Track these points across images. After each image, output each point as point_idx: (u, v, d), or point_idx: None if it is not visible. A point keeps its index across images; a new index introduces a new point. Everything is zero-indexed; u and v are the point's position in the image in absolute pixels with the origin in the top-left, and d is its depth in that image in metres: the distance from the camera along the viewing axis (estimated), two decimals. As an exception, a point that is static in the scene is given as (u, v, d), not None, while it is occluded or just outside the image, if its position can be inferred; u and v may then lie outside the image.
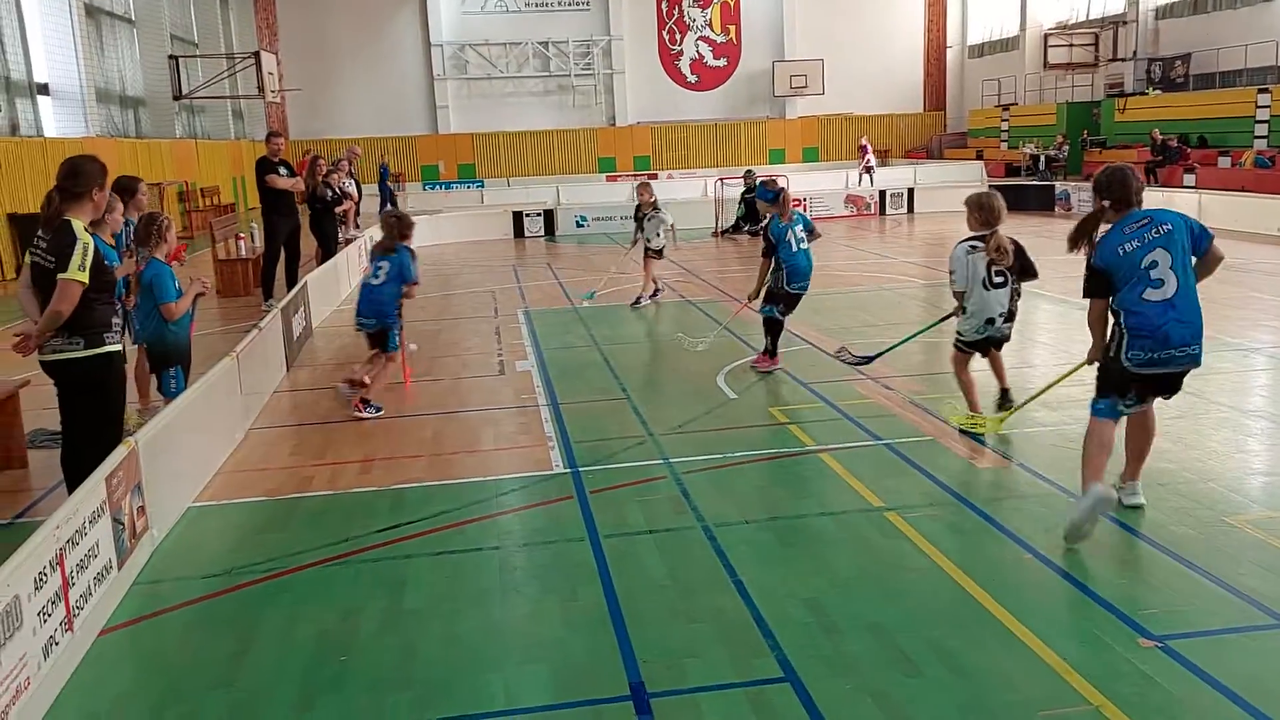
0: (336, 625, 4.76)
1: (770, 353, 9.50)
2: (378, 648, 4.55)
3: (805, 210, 24.93)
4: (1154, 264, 5.22)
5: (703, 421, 7.95)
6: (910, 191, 27.09)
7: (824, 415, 7.99)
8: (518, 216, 25.29)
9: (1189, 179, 22.73)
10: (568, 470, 6.85)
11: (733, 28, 39.48)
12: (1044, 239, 20.20)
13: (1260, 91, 23.66)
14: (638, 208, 13.50)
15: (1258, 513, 5.67)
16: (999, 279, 7.12)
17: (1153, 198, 15.68)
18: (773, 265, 9.29)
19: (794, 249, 9.23)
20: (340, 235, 15.98)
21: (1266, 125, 23.24)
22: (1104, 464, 5.40)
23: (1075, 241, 5.52)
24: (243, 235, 15.72)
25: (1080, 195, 25.14)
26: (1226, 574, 4.88)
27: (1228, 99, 25.11)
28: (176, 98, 26.95)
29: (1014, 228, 7.68)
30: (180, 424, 6.33)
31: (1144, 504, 5.76)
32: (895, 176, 30.63)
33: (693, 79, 39.57)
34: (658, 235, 13.15)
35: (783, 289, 9.27)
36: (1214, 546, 5.23)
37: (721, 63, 39.66)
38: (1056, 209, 25.29)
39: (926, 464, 6.66)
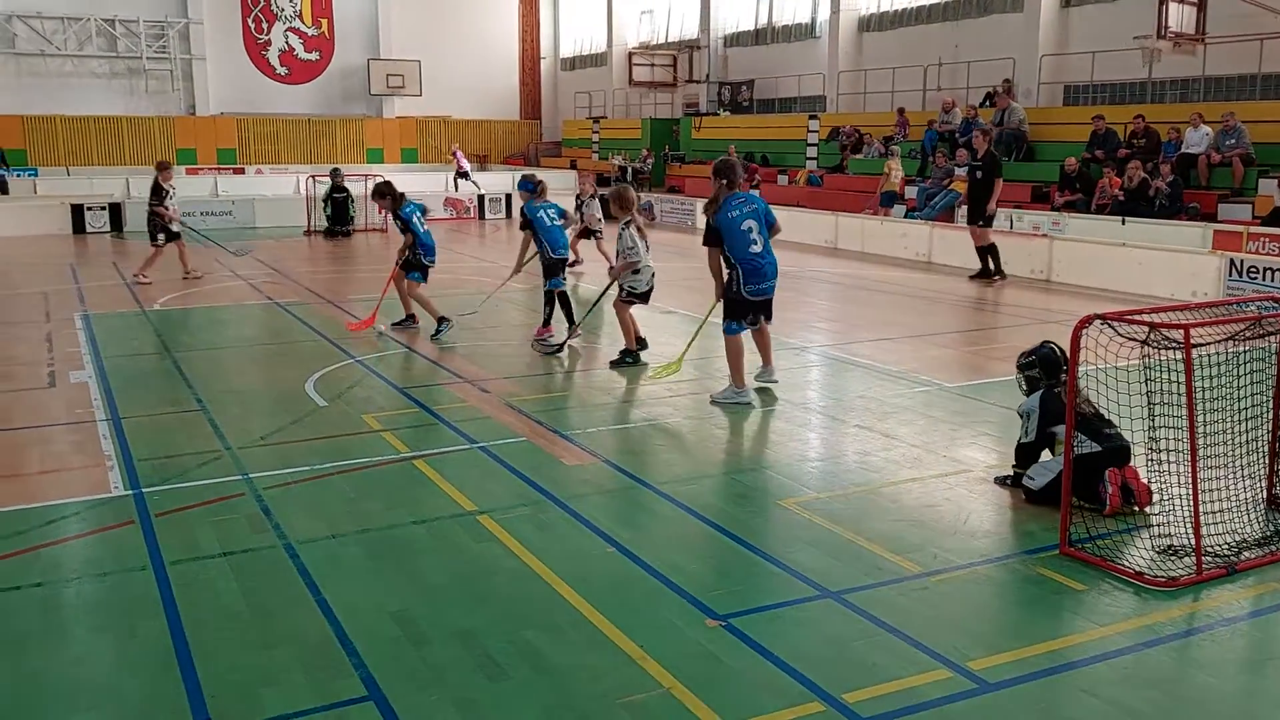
0: None
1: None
2: None
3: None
4: (750, 229, 7.95)
5: (289, 432, 7.51)
6: (508, 197, 27.62)
7: (420, 420, 7.86)
8: (78, 210, 22.73)
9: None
10: (129, 492, 6.17)
11: (325, 21, 37.91)
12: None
13: (810, 118, 26.73)
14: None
15: (806, 495, 6.32)
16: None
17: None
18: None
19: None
20: None
21: (816, 149, 26.28)
22: (743, 364, 8.20)
23: (709, 209, 8.07)
24: None
25: (663, 206, 27.02)
26: (779, 552, 5.39)
27: (784, 123, 28.11)
28: None
29: (606, 234, 7.99)
30: None
31: (778, 381, 8.68)
32: (494, 182, 31.06)
33: (283, 71, 37.52)
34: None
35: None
36: (768, 528, 5.77)
37: (314, 56, 37.97)
38: (642, 218, 26.96)
39: (519, 464, 6.75)
